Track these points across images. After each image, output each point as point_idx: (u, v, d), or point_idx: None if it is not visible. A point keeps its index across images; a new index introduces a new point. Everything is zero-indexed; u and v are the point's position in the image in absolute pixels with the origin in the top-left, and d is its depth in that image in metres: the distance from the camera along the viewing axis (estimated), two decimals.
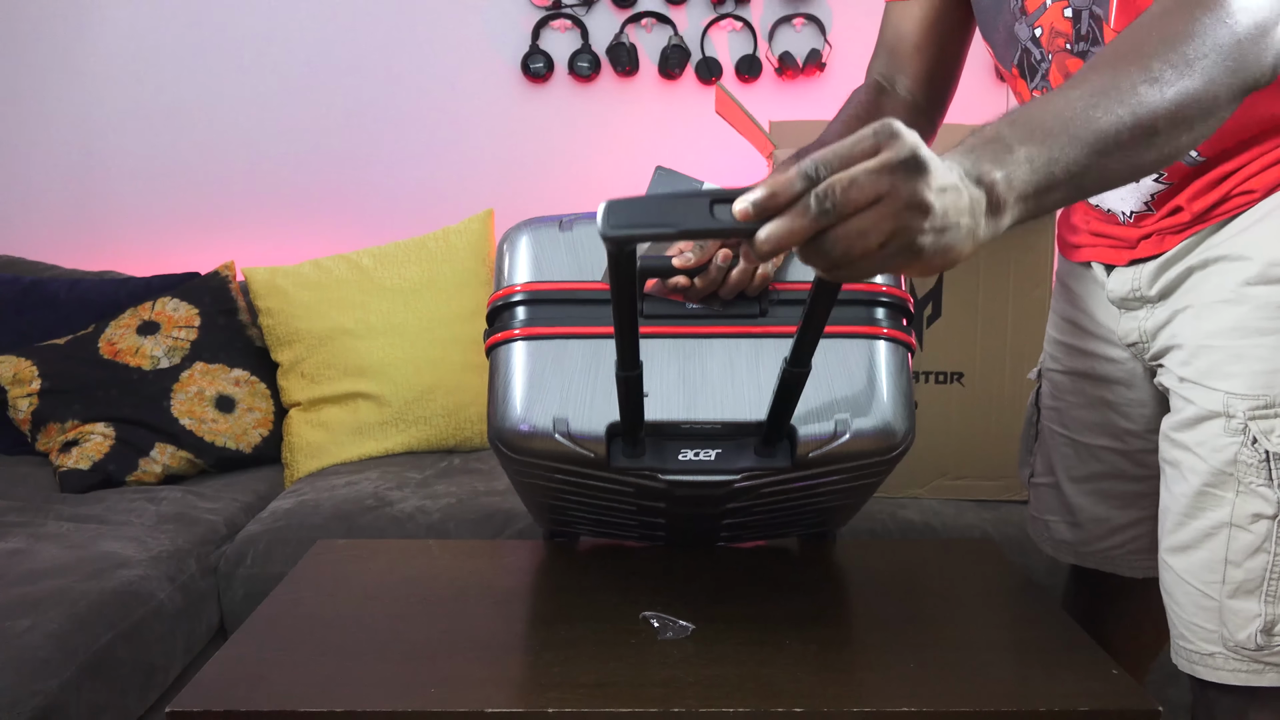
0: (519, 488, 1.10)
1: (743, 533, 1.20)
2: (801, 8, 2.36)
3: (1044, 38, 0.98)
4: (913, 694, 0.90)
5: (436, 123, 2.39)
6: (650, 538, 1.25)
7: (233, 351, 2.05)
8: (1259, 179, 0.93)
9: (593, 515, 1.15)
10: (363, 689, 0.91)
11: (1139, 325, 1.04)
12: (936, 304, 1.64)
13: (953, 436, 1.66)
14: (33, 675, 1.18)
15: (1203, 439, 0.94)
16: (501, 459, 0.98)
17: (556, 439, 0.91)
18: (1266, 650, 0.92)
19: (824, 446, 0.91)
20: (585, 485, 1.00)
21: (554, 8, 2.34)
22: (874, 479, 1.04)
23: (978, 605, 1.12)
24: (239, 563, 1.61)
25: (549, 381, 0.93)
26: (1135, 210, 1.00)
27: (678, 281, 0.94)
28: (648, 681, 0.92)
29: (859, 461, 0.94)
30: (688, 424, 0.93)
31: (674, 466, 0.92)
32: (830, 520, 1.24)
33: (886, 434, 0.92)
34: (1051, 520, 1.21)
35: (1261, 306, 0.91)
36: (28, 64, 2.36)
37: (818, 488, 1.02)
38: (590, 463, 0.93)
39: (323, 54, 2.36)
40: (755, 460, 0.92)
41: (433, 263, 2.06)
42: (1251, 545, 0.92)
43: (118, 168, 2.39)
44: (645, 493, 0.99)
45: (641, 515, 1.11)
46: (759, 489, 0.99)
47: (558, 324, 0.95)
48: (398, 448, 1.97)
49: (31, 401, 1.94)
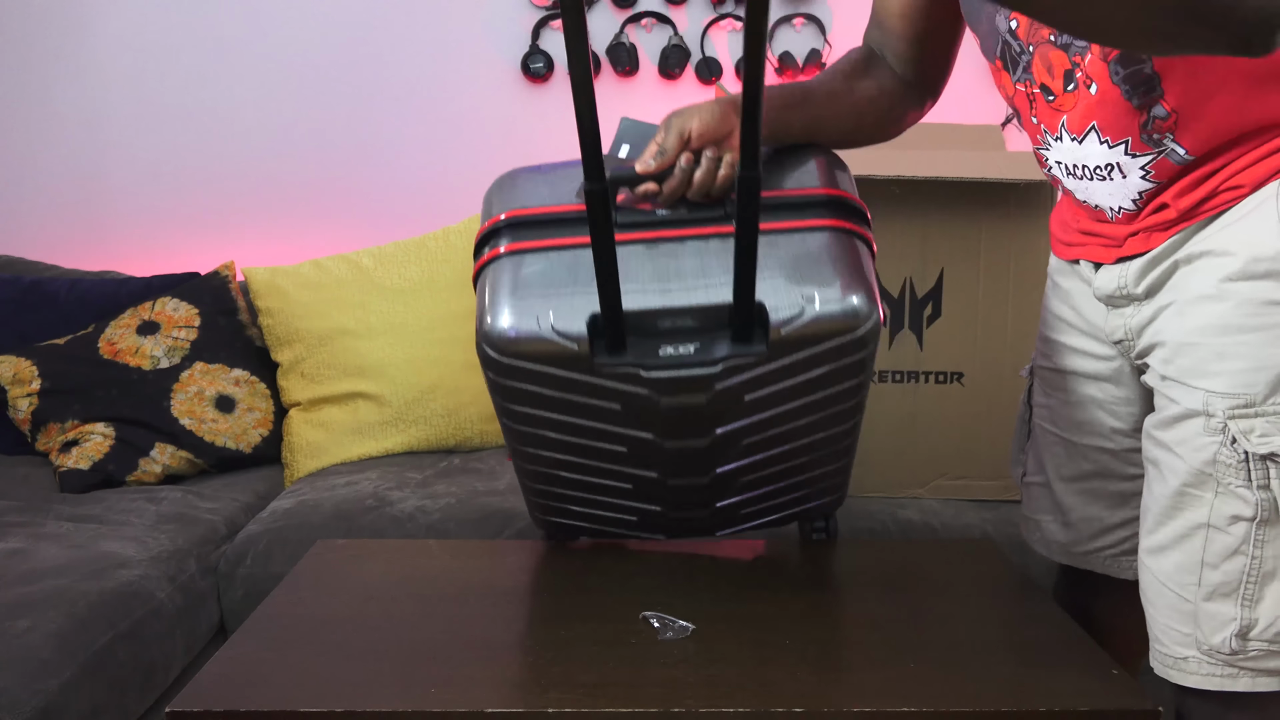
0: (509, 435, 1.10)
1: (739, 485, 1.17)
2: (801, 8, 2.36)
3: (1021, 30, 0.98)
4: (913, 694, 0.90)
5: (437, 122, 2.39)
6: (646, 517, 1.23)
7: (233, 351, 2.05)
8: (1246, 174, 0.92)
9: (584, 469, 1.13)
10: (363, 689, 0.91)
11: (1125, 323, 1.03)
12: (936, 304, 1.64)
13: (953, 436, 1.66)
14: (33, 675, 1.18)
15: (1183, 438, 0.94)
16: (490, 373, 1.00)
17: (541, 334, 0.95)
18: (1241, 655, 0.92)
19: (793, 323, 0.95)
20: (572, 404, 1.01)
21: (554, 7, 2.34)
22: (852, 387, 1.04)
23: (977, 605, 1.12)
24: (239, 563, 1.61)
25: (534, 288, 0.98)
26: (1123, 207, 1.00)
27: (646, 188, 1.01)
28: (648, 681, 0.92)
29: (830, 344, 0.96)
30: (664, 311, 0.97)
31: (655, 361, 0.96)
32: (826, 485, 1.22)
33: (850, 313, 0.95)
34: (1043, 520, 1.20)
35: (1244, 303, 0.90)
36: (28, 64, 2.35)
37: (800, 395, 1.02)
38: (575, 362, 0.96)
39: (323, 54, 2.36)
40: (732, 348, 0.96)
41: (433, 263, 2.06)
42: (1229, 547, 0.91)
43: (118, 168, 2.39)
44: (631, 409, 1.01)
45: (633, 462, 1.10)
46: (742, 394, 1.00)
47: (540, 239, 1.02)
48: (398, 448, 1.97)
49: (31, 401, 1.94)
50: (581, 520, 1.25)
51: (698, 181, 1.01)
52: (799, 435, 1.10)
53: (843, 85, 1.16)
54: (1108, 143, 0.96)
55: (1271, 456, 0.89)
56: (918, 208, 1.59)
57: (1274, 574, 0.90)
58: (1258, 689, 0.92)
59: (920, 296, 1.64)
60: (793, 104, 1.11)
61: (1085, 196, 1.03)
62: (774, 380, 1.00)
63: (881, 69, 1.17)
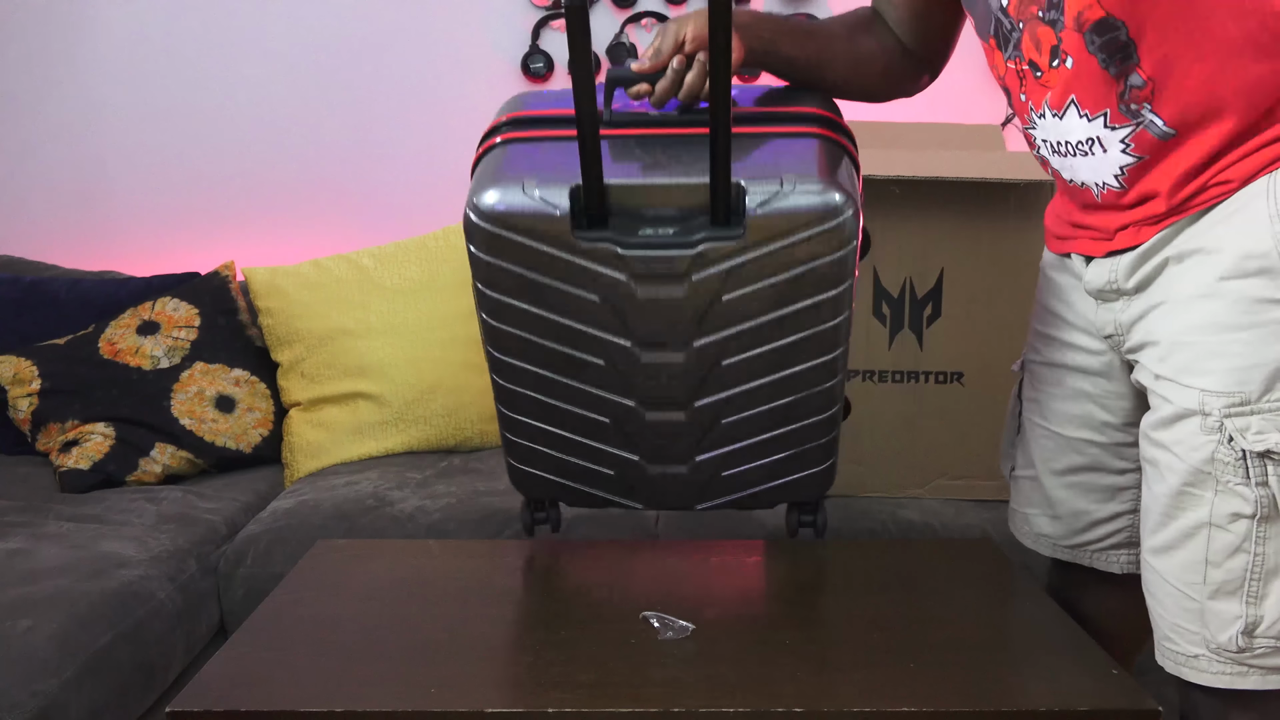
0: (490, 342, 1.11)
1: (720, 431, 1.15)
2: (801, 7, 2.36)
3: (1012, 6, 0.99)
4: (913, 694, 0.90)
5: (437, 122, 2.38)
6: (624, 472, 1.20)
7: (233, 351, 2.05)
8: (1236, 169, 0.92)
9: (562, 393, 1.13)
10: (363, 689, 0.91)
11: (1115, 318, 1.04)
12: (936, 304, 1.64)
13: (953, 436, 1.66)
14: (33, 675, 1.18)
15: (1180, 438, 0.94)
16: (474, 247, 1.03)
17: (525, 202, 0.99)
18: (1248, 652, 0.92)
19: (770, 204, 0.97)
20: (551, 293, 1.03)
21: (554, 7, 2.34)
22: (832, 299, 1.03)
23: (977, 605, 1.12)
24: (239, 563, 1.61)
25: (523, 167, 1.02)
26: (1107, 183, 0.99)
27: (640, 88, 1.06)
28: (648, 681, 0.92)
29: (808, 233, 0.98)
30: (645, 187, 1.00)
31: (634, 240, 0.99)
32: (811, 453, 1.19)
33: (829, 204, 0.97)
34: (1031, 513, 1.21)
35: (1237, 301, 0.91)
36: (28, 63, 2.35)
37: (779, 303, 1.03)
38: (556, 236, 0.99)
39: (323, 53, 2.36)
40: (710, 230, 0.99)
41: (433, 263, 2.06)
42: (1231, 545, 0.91)
43: (118, 168, 2.39)
44: (610, 302, 1.02)
45: (612, 383, 1.11)
46: (720, 292, 1.01)
47: (536, 131, 1.07)
48: (398, 448, 1.97)
49: (31, 401, 1.94)
50: (558, 474, 1.23)
51: (688, 84, 1.05)
52: (780, 363, 1.09)
53: (843, 32, 1.19)
54: (1086, 116, 0.97)
55: (1268, 453, 0.89)
56: (918, 208, 1.59)
57: (1277, 570, 0.91)
58: (1267, 686, 0.93)
59: (920, 296, 1.63)
60: (790, 33, 1.14)
61: (1071, 174, 1.03)
62: (752, 279, 1.01)
63: (884, 30, 1.19)
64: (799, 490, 1.25)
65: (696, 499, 1.25)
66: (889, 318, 1.65)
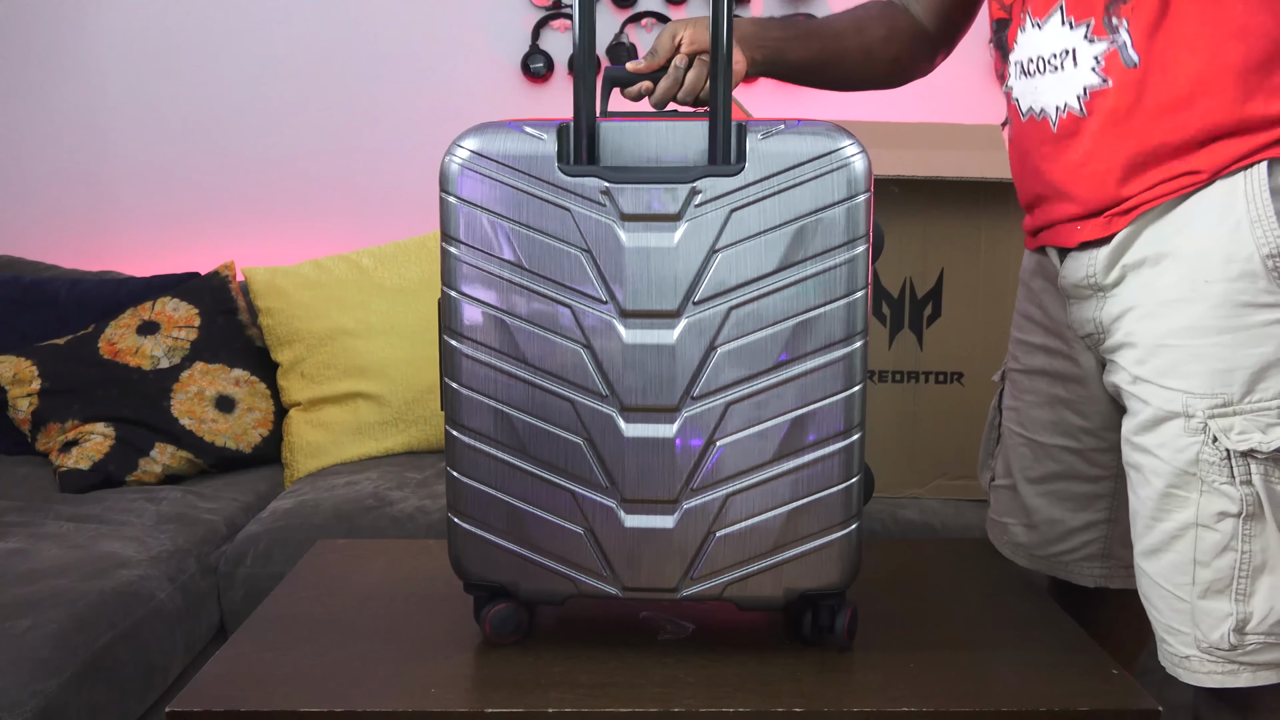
0: (447, 319, 1.11)
1: (715, 461, 0.95)
2: (801, 7, 2.36)
3: None
4: (913, 694, 0.90)
5: (437, 122, 2.38)
6: (596, 527, 0.97)
7: (233, 351, 2.05)
8: (1204, 157, 0.91)
9: (530, 404, 1.02)
10: (363, 689, 0.91)
11: (1093, 315, 1.03)
12: (936, 304, 1.64)
13: (953, 436, 1.66)
14: (33, 675, 1.18)
15: (1163, 440, 0.94)
16: (448, 191, 1.06)
17: (513, 131, 0.98)
18: (1239, 650, 0.92)
19: (772, 135, 0.93)
20: (531, 235, 0.99)
21: (554, 8, 2.34)
22: (844, 266, 0.95)
23: (978, 605, 1.12)
24: (239, 563, 1.61)
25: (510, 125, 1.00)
26: (1067, 104, 0.98)
27: (641, 87, 1.08)
28: (648, 681, 0.92)
29: (813, 174, 0.92)
30: (640, 127, 0.96)
31: (624, 175, 0.94)
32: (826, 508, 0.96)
33: (834, 144, 0.93)
34: (1009, 523, 1.21)
35: (1218, 305, 0.91)
36: (28, 63, 2.35)
37: (782, 253, 0.93)
38: (541, 162, 0.96)
39: (323, 54, 2.36)
40: (707, 167, 0.94)
41: (433, 263, 2.06)
42: (1218, 544, 0.92)
43: (118, 168, 2.39)
44: (595, 248, 0.95)
45: (586, 383, 0.96)
46: (713, 233, 0.93)
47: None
48: (398, 448, 1.97)
49: (31, 401, 1.94)
50: (516, 544, 0.99)
51: (689, 83, 1.06)
52: (784, 338, 0.94)
53: (850, 26, 1.19)
54: (1070, 22, 0.97)
55: (1251, 452, 0.90)
56: (918, 208, 1.60)
57: (1264, 567, 0.91)
58: (1258, 683, 0.93)
59: (920, 296, 1.64)
60: (794, 37, 1.14)
61: (1033, 100, 1.02)
62: (753, 226, 0.93)
63: (896, 14, 1.19)
64: (816, 582, 0.97)
65: (680, 580, 0.97)
66: (889, 318, 1.65)
